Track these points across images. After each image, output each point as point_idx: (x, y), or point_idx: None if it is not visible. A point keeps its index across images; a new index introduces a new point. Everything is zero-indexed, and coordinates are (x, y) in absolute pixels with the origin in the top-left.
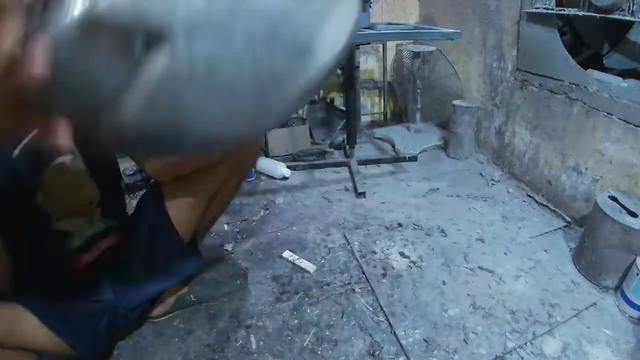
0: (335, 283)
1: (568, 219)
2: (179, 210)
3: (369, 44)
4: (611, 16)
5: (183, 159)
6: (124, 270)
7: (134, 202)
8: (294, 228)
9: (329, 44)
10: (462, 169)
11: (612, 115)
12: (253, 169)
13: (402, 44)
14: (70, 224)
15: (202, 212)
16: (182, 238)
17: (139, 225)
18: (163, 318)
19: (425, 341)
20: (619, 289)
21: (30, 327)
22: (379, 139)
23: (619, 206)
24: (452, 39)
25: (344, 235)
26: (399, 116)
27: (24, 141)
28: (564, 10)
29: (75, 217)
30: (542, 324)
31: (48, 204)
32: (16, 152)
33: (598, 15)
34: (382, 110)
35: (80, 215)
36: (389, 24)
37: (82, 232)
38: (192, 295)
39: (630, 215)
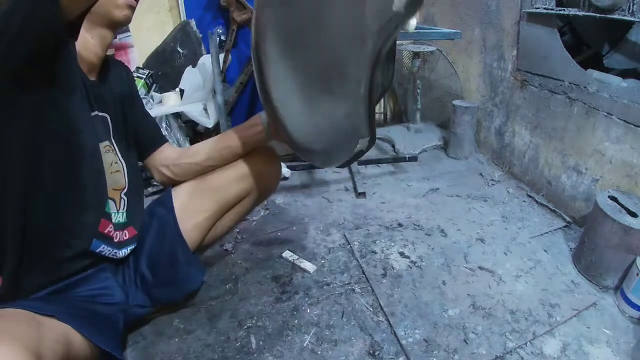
0: (335, 283)
1: (568, 219)
2: (189, 220)
3: None
4: (611, 16)
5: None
6: (132, 270)
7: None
8: (294, 228)
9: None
10: (462, 169)
11: (612, 115)
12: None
13: (402, 44)
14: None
15: (211, 225)
16: (189, 246)
17: (149, 227)
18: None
19: (425, 341)
20: (619, 289)
21: (78, 344)
22: (379, 139)
23: (619, 206)
24: (452, 39)
25: (344, 235)
26: (399, 116)
27: (97, 112)
28: (564, 10)
29: (109, 199)
30: (542, 324)
31: None
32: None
33: (598, 15)
34: (382, 110)
35: (112, 199)
36: None
37: (116, 215)
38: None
39: (630, 215)
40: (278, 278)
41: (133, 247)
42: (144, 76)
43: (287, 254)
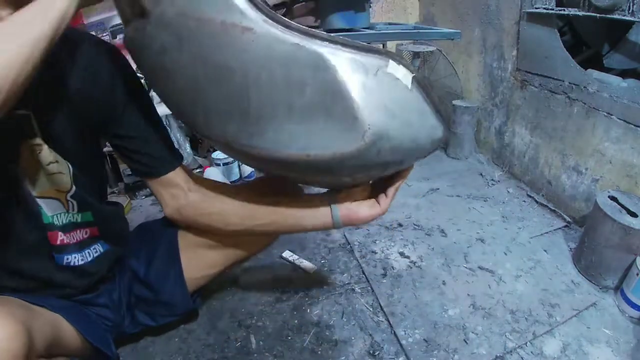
0: (335, 283)
1: (568, 219)
2: (196, 271)
3: (369, 44)
4: (611, 16)
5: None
6: (120, 293)
7: (134, 203)
8: None
9: None
10: (462, 169)
11: (612, 115)
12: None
13: (402, 44)
14: (48, 203)
15: (218, 272)
16: (188, 288)
17: (140, 253)
18: None
19: (425, 341)
20: (619, 289)
21: (67, 332)
22: None
23: (619, 206)
24: (452, 39)
25: (344, 235)
26: None
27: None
28: (564, 10)
29: (52, 199)
30: (542, 324)
31: (26, 175)
32: None
33: (598, 15)
34: None
35: (57, 199)
36: (389, 24)
37: (60, 216)
38: None
39: (630, 215)
40: (278, 278)
41: (101, 251)
42: (144, 76)
43: (287, 253)
